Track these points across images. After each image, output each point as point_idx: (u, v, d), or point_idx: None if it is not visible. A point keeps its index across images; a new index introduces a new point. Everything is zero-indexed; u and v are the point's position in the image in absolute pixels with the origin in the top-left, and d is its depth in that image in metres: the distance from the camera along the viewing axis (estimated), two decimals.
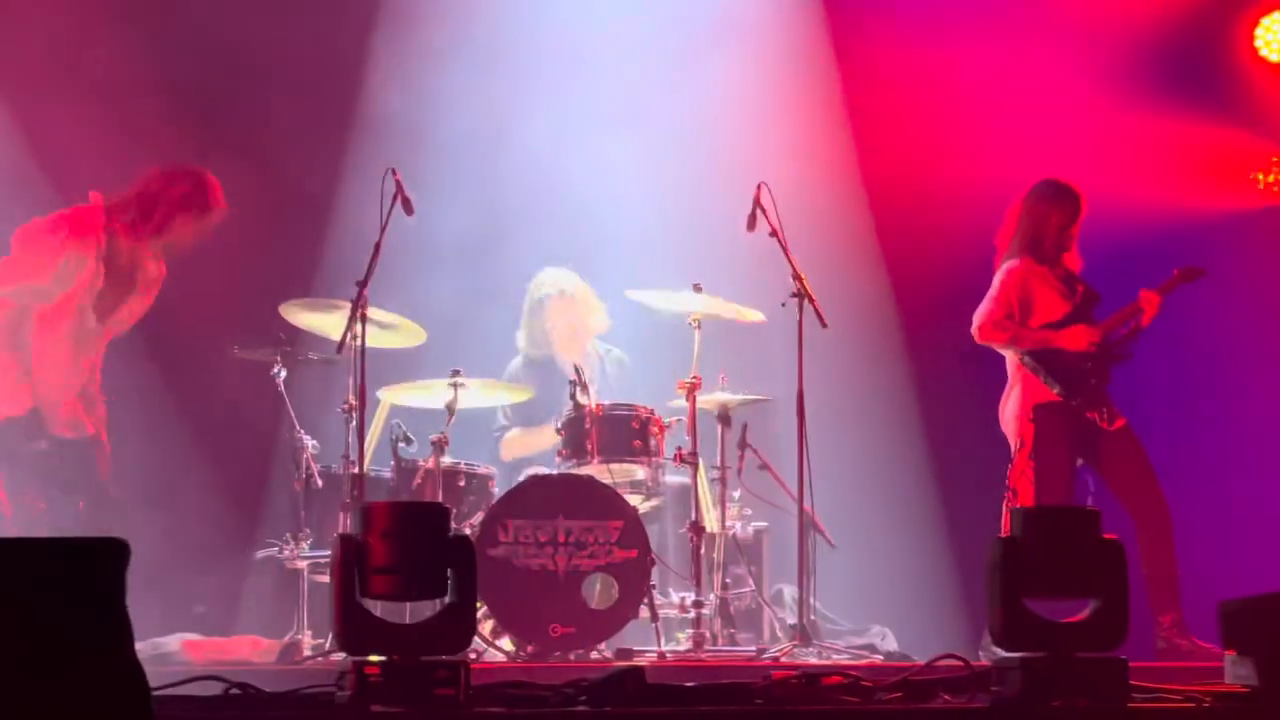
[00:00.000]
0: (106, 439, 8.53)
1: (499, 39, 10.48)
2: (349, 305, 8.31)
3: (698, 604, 8.37)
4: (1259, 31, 10.47)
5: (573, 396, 8.66)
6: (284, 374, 8.81)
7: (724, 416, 8.84)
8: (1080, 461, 8.67)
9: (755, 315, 8.97)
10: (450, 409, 8.70)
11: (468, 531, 8.11)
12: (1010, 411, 8.76)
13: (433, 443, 8.61)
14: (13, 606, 3.32)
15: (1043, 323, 8.70)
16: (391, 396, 8.99)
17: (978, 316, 8.73)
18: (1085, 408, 8.58)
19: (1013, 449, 8.67)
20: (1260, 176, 10.31)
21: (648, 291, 9.00)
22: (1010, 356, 8.82)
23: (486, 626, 8.12)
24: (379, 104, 10.35)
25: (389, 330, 8.83)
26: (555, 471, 8.66)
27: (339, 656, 6.48)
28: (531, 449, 9.49)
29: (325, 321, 8.79)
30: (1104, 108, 10.22)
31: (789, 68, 10.53)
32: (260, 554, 8.97)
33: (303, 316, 8.89)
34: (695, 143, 10.41)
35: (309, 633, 8.47)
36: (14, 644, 3.30)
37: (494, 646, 8.17)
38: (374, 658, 5.53)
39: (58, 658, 3.31)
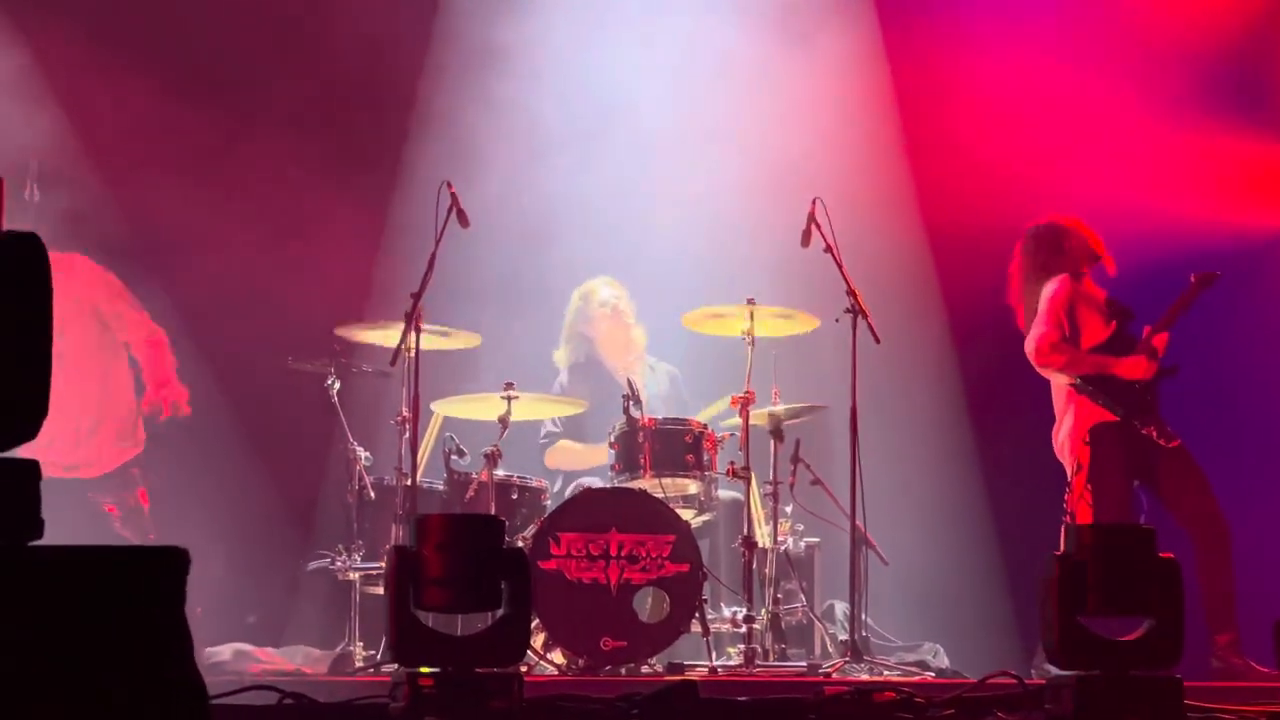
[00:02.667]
0: None
1: (550, 52, 10.49)
2: (402, 322, 8.36)
3: (749, 619, 8.34)
4: None
5: (625, 410, 8.66)
6: (337, 386, 8.86)
7: (777, 432, 8.82)
8: (1137, 483, 8.60)
9: (810, 322, 8.90)
10: (503, 422, 8.70)
11: (519, 544, 8.12)
12: (1064, 436, 8.67)
13: (485, 455, 8.62)
14: (76, 614, 3.33)
15: (1089, 345, 8.63)
16: (444, 409, 9.01)
17: (1033, 340, 8.61)
18: (1143, 426, 8.50)
19: (1069, 473, 8.59)
20: None
21: (698, 312, 8.98)
22: (1059, 382, 8.71)
23: (538, 639, 8.12)
24: (432, 117, 10.39)
25: (443, 336, 8.85)
26: (607, 485, 8.67)
27: (391, 667, 6.49)
28: (579, 464, 9.47)
29: (380, 337, 8.82)
30: (1160, 127, 10.17)
31: (844, 82, 10.52)
32: (312, 565, 8.99)
33: (358, 334, 8.92)
34: (750, 158, 10.40)
35: (360, 644, 8.49)
36: (77, 651, 3.32)
37: (545, 660, 8.17)
38: (427, 669, 5.54)
39: (120, 666, 3.33)
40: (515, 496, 8.73)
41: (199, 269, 9.65)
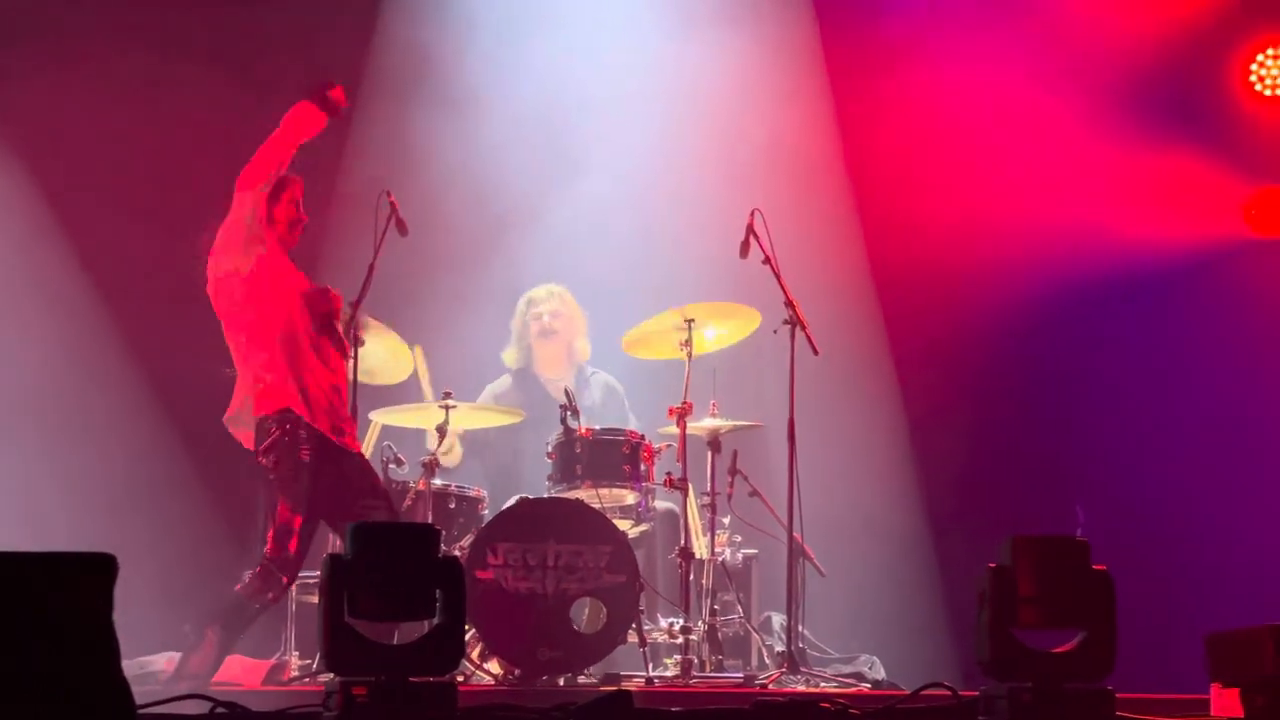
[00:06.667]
0: None
1: (489, 62, 10.48)
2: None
3: (686, 630, 8.35)
4: (1253, 67, 10.53)
5: (563, 420, 8.65)
6: None
7: (714, 443, 8.82)
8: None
9: (752, 315, 8.89)
10: (441, 431, 8.68)
11: (457, 553, 8.10)
12: None
13: (423, 464, 8.60)
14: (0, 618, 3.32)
15: None
16: (382, 418, 8.99)
17: None
18: None
19: None
20: (1252, 210, 10.37)
21: (635, 332, 8.98)
22: None
23: (475, 649, 8.10)
24: (373, 124, 10.36)
25: (378, 361, 8.83)
26: (545, 495, 8.66)
27: (326, 677, 6.47)
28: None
29: None
30: (1099, 139, 10.23)
31: (785, 93, 10.54)
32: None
33: None
34: (688, 168, 10.41)
35: (296, 653, 8.45)
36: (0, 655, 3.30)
37: (481, 669, 8.15)
38: (361, 678, 5.52)
39: (43, 673, 3.31)
40: (453, 506, 8.71)
41: (137, 271, 9.61)
